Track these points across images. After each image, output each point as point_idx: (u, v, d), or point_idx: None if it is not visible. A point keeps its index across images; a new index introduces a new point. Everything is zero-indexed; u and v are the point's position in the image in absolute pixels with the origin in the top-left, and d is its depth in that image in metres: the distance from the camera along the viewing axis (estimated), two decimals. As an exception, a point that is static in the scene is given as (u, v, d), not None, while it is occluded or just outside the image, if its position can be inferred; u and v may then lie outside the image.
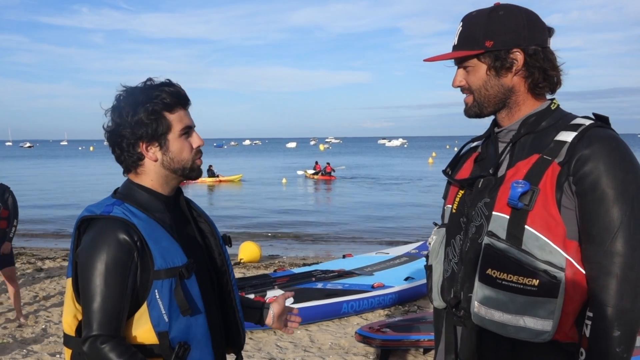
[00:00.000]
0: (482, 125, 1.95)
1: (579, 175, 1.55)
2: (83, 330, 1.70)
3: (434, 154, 63.95)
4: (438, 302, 1.85)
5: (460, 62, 1.76)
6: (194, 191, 26.66)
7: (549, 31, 1.72)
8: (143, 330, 1.71)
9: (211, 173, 32.43)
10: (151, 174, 1.85)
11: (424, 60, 1.78)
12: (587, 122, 1.63)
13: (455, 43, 1.75)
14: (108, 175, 32.42)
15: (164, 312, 1.70)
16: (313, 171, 35.33)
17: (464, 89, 1.78)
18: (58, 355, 5.59)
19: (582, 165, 1.54)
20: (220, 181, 32.51)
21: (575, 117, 1.69)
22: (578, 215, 1.57)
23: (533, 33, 1.67)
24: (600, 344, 1.52)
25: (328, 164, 35.71)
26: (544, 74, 1.69)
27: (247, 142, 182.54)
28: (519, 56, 1.67)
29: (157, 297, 1.69)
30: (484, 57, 1.69)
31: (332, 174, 34.67)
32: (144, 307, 1.70)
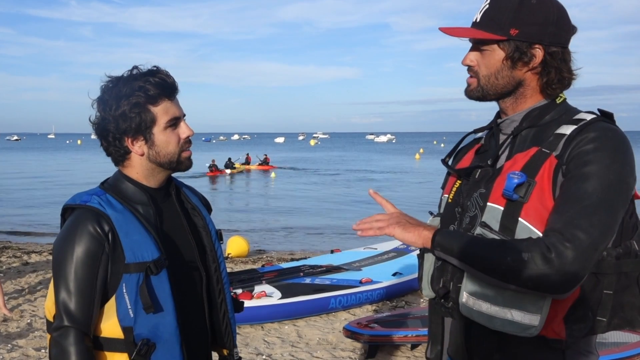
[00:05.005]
0: (471, 122, 1.94)
1: (568, 159, 1.52)
2: (55, 318, 1.69)
3: (421, 150, 63.90)
4: (427, 291, 1.82)
5: (476, 42, 1.69)
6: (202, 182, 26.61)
7: (572, 30, 1.66)
8: (110, 323, 1.70)
9: (230, 165, 33.96)
10: (137, 166, 1.82)
11: (439, 29, 1.69)
12: (590, 117, 1.59)
13: (478, 20, 1.67)
14: (94, 165, 32.20)
15: (129, 307, 1.68)
16: (248, 162, 38.71)
17: (470, 69, 1.72)
18: (43, 350, 5.53)
19: (574, 149, 1.52)
20: (248, 169, 35.50)
21: (579, 111, 1.65)
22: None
23: (559, 31, 1.62)
24: (505, 244, 1.50)
25: (265, 155, 40.04)
26: (559, 75, 1.64)
27: (236, 136, 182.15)
28: (539, 52, 1.62)
29: (124, 291, 1.68)
30: (504, 45, 1.63)
31: (270, 163, 38.52)
32: (113, 300, 1.69)
